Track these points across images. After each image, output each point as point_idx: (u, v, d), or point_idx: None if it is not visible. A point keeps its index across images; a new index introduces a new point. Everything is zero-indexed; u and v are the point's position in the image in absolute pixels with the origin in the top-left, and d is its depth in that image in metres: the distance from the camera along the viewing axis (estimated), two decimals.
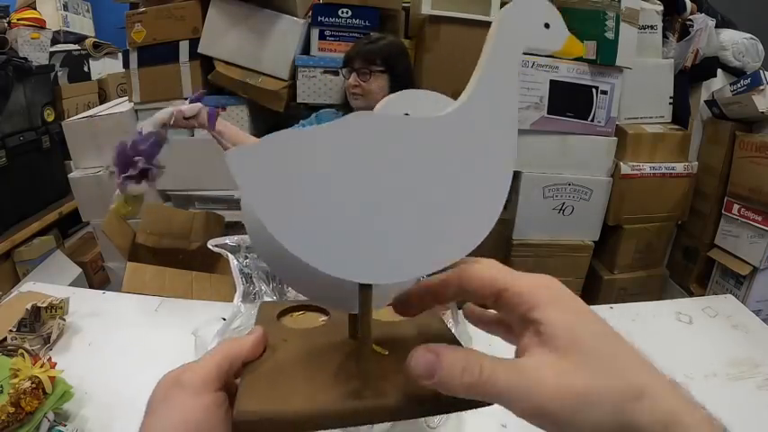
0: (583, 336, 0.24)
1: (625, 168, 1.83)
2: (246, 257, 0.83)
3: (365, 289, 0.29)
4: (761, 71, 1.80)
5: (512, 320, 0.27)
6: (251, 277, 0.82)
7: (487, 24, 1.88)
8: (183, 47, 1.75)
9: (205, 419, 0.27)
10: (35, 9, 2.59)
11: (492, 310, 0.31)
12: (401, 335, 0.34)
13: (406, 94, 0.38)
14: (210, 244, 0.83)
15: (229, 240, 0.84)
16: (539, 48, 0.28)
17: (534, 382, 0.23)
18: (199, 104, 1.11)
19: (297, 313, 0.40)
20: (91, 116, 1.90)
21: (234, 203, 1.81)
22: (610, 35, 1.65)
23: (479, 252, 0.29)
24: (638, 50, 1.76)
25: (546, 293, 0.26)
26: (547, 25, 0.27)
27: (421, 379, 0.24)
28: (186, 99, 1.13)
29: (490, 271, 0.28)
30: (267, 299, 0.83)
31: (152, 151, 1.05)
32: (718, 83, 2.02)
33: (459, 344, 0.31)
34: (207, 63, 1.76)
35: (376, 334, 0.32)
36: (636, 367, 0.24)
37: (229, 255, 0.82)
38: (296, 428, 0.28)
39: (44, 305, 0.89)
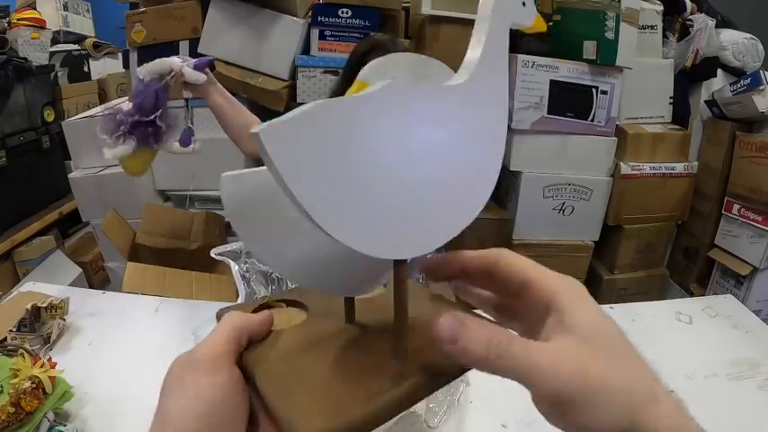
0: (605, 332, 0.25)
1: (625, 168, 1.83)
2: (246, 262, 0.83)
3: (400, 264, 0.28)
4: (761, 71, 1.80)
5: (531, 310, 0.28)
6: (249, 281, 0.82)
7: None
8: (183, 47, 1.75)
9: (222, 397, 0.27)
10: (35, 9, 2.58)
11: (487, 291, 0.32)
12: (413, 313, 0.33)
13: (391, 57, 0.40)
14: (213, 253, 0.84)
15: (230, 247, 0.85)
16: (519, 24, 0.32)
17: (555, 362, 0.24)
18: (203, 76, 1.03)
19: (275, 309, 0.37)
20: (91, 116, 1.90)
21: None
22: (610, 35, 1.65)
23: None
24: (638, 50, 1.75)
25: (574, 291, 0.27)
26: (524, 3, 0.31)
27: (444, 343, 0.24)
28: (189, 60, 1.03)
29: (523, 260, 0.29)
30: None
31: (153, 105, 0.99)
32: (719, 83, 2.01)
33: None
34: None
35: (376, 317, 0.32)
36: (650, 374, 0.25)
37: (230, 261, 0.83)
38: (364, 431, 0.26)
39: (44, 305, 0.89)
